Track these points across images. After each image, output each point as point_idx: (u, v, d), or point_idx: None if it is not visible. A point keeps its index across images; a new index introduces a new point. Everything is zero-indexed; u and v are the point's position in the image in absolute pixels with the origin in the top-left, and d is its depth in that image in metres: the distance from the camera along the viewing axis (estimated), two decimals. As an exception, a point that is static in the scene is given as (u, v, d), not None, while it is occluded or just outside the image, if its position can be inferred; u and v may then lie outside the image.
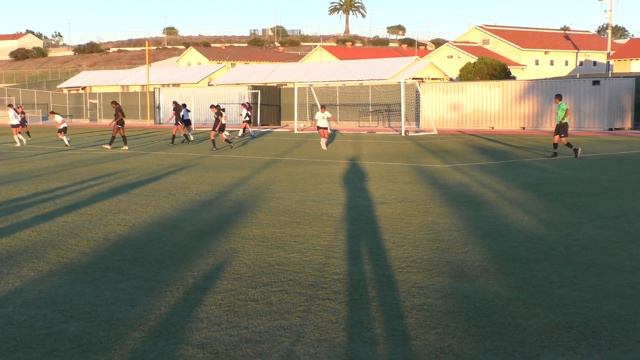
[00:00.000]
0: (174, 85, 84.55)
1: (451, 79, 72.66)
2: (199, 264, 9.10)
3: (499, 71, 64.05)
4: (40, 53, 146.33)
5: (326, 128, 31.23)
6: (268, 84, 73.12)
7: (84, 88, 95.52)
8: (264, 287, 7.95)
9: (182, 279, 8.33)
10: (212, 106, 31.73)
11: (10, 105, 39.04)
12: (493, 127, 50.59)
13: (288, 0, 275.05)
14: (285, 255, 9.60)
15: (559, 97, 25.77)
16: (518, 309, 7.05)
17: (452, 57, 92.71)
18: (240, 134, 42.53)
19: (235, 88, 66.33)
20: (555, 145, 25.43)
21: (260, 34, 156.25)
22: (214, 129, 31.30)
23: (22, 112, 41.32)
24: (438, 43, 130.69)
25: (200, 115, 62.83)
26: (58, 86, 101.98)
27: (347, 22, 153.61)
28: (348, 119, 59.41)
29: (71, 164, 24.27)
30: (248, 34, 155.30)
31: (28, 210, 13.79)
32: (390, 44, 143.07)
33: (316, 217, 12.76)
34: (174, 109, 37.04)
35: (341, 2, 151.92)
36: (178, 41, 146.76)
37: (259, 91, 60.46)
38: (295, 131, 49.35)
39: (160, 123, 68.58)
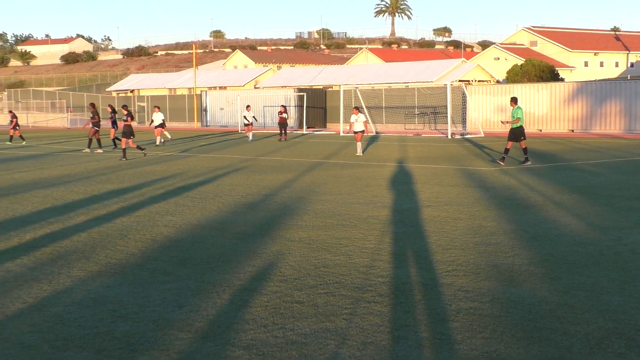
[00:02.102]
0: (220, 88, 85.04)
1: (498, 81, 72.07)
2: (245, 266, 9.14)
3: (547, 73, 63.33)
4: (90, 57, 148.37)
5: (362, 132, 29.04)
6: (314, 87, 73.18)
7: (132, 91, 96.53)
8: (309, 289, 7.97)
9: (229, 281, 8.37)
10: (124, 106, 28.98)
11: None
12: (541, 130, 50.05)
13: (334, 3, 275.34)
14: (331, 258, 9.60)
15: (514, 100, 24.72)
16: (566, 314, 6.97)
17: (499, 59, 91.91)
18: (250, 138, 42.04)
19: (281, 91, 66.55)
20: (525, 150, 24.41)
21: (306, 36, 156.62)
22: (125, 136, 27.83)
23: (14, 117, 42.37)
24: (485, 45, 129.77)
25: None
26: (107, 89, 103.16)
27: (392, 24, 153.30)
28: (394, 122, 59.22)
29: (119, 166, 24.55)
30: (294, 37, 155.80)
31: (78, 211, 13.98)
32: (437, 46, 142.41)
33: (362, 219, 12.74)
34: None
35: (387, 4, 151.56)
36: (225, 44, 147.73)
37: (305, 94, 60.57)
38: (341, 134, 49.33)
39: (207, 125, 69.02)
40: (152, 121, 38.58)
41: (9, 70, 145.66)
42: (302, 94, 60.98)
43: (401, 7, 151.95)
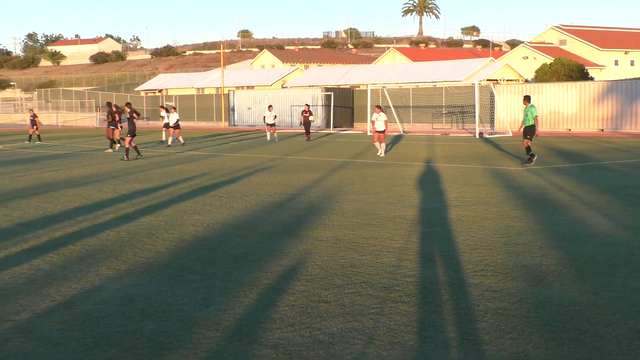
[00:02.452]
0: (248, 87, 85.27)
1: (527, 80, 71.64)
2: (272, 265, 9.16)
3: (577, 72, 62.83)
4: (119, 57, 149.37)
5: (383, 131, 28.07)
6: (341, 86, 73.15)
7: (160, 91, 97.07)
8: (336, 289, 7.96)
9: (256, 280, 8.39)
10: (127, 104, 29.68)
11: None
12: (570, 129, 49.68)
13: (362, 3, 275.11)
14: (358, 257, 9.59)
15: (527, 98, 24.37)
16: (596, 315, 6.91)
17: (527, 58, 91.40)
18: (269, 138, 41.57)
19: (308, 90, 66.58)
20: (529, 149, 23.86)
21: (333, 36, 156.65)
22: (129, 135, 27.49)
23: (34, 116, 43.04)
24: (513, 44, 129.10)
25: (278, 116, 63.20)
26: (136, 89, 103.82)
27: (420, 23, 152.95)
28: (421, 121, 59.06)
29: (148, 165, 24.68)
30: (321, 36, 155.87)
31: (107, 210, 14.07)
32: (465, 45, 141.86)
33: (389, 219, 12.72)
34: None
35: (415, 4, 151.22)
36: (252, 44, 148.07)
37: (332, 93, 60.58)
38: (369, 133, 49.26)
39: (234, 125, 69.22)
40: (163, 118, 38.38)
41: (40, 70, 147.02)
42: (329, 93, 60.99)
43: (429, 6, 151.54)
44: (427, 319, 6.87)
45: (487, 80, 62.85)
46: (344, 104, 63.95)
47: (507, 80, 71.34)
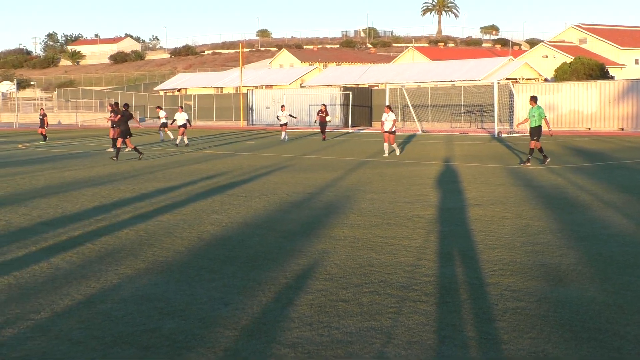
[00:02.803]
0: (266, 87, 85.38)
1: (546, 80, 71.30)
2: (291, 264, 9.16)
3: (597, 71, 62.48)
4: (138, 56, 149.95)
5: (393, 132, 27.39)
6: (360, 85, 73.12)
7: (179, 90, 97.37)
8: (355, 288, 7.96)
9: (274, 279, 8.40)
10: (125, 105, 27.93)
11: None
12: (590, 128, 49.44)
13: (380, 2, 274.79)
14: (376, 257, 9.58)
15: (534, 99, 23.75)
16: (615, 315, 6.87)
17: (547, 57, 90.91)
18: (282, 137, 40.47)
19: (327, 89, 66.58)
20: (532, 151, 23.48)
21: (352, 35, 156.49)
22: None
23: (44, 115, 43.00)
24: (532, 43, 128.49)
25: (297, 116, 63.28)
26: (155, 88, 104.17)
27: (439, 22, 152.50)
28: (440, 120, 58.95)
29: (166, 164, 24.77)
30: (340, 36, 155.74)
31: (125, 209, 14.13)
32: (484, 44, 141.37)
33: (407, 218, 12.70)
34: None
35: (434, 3, 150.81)
36: (271, 43, 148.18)
37: (351, 92, 60.56)
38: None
39: (252, 124, 69.33)
40: (175, 120, 37.78)
41: (59, 69, 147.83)
42: (347, 92, 60.98)
43: (448, 5, 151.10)
44: (446, 318, 6.85)
45: (506, 79, 62.67)
46: (362, 103, 63.92)
47: (527, 79, 71.02)
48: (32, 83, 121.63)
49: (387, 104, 35.89)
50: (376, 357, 5.86)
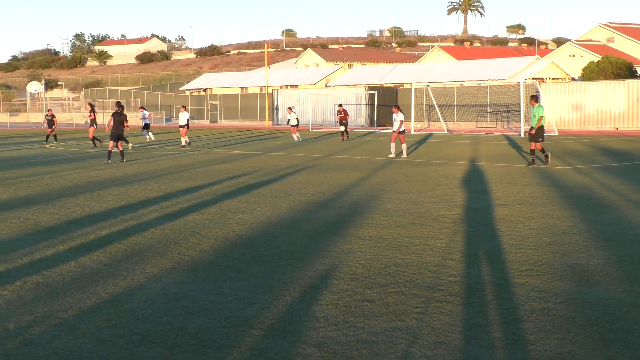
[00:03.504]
0: (292, 86, 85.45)
1: (573, 79, 70.80)
2: (316, 264, 9.17)
3: (624, 70, 61.91)
4: (164, 56, 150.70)
5: (402, 132, 27.01)
6: (385, 85, 73.00)
7: (205, 90, 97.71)
8: (380, 288, 7.95)
9: (299, 278, 8.41)
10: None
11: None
12: (617, 128, 49.02)
13: (406, 1, 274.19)
14: (401, 257, 9.57)
15: (535, 98, 23.05)
16: (643, 316, 6.81)
17: (574, 56, 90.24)
18: (296, 139, 39.48)
19: (352, 89, 66.53)
20: (533, 152, 23.05)
21: (377, 35, 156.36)
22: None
23: (53, 116, 42.16)
24: (559, 42, 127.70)
25: (317, 116, 63.35)
26: (180, 88, 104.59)
27: (465, 21, 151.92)
28: (465, 120, 58.71)
29: (192, 164, 24.86)
30: (365, 35, 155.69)
31: (152, 208, 14.21)
32: (510, 44, 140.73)
33: (433, 218, 12.67)
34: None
35: (460, 2, 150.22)
36: (296, 43, 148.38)
37: (376, 92, 60.48)
38: (412, 132, 49.10)
39: (278, 124, 69.43)
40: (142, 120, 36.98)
41: (87, 70, 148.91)
42: (373, 92, 60.90)
43: (474, 4, 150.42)
44: (472, 318, 6.83)
45: (533, 78, 62.24)
46: (388, 103, 63.76)
47: (553, 78, 70.56)
48: (59, 83, 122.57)
49: (396, 103, 35.46)
50: (402, 358, 5.85)
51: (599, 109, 50.70)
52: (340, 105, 42.51)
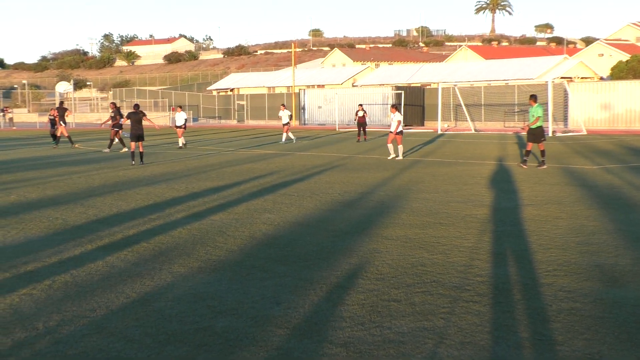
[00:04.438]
0: (318, 86, 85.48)
1: (602, 78, 70.23)
2: (342, 264, 9.16)
3: (655, 69, 61.36)
4: (192, 56, 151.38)
5: (400, 133, 26.01)
6: (412, 85, 72.84)
7: (232, 90, 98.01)
8: (406, 288, 7.93)
9: (326, 278, 8.41)
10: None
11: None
12: (647, 127, 48.57)
13: (433, 1, 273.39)
14: (428, 256, 9.54)
15: (533, 98, 22.48)
16: (673, 317, 6.74)
17: (603, 55, 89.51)
18: (284, 139, 38.62)
19: (379, 89, 66.42)
20: (543, 153, 22.38)
21: (404, 34, 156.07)
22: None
23: (55, 115, 40.46)
24: (588, 41, 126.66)
25: (344, 115, 63.30)
26: (208, 88, 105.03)
27: (493, 21, 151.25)
28: (493, 120, 58.42)
29: (219, 164, 24.94)
30: (392, 35, 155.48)
31: (179, 208, 14.27)
32: (538, 43, 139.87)
33: (460, 218, 12.62)
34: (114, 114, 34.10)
35: (487, 1, 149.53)
36: (323, 43, 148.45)
37: (403, 92, 60.35)
38: (439, 131, 48.95)
39: (305, 124, 69.47)
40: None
41: (115, 70, 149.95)
42: (400, 92, 60.74)
43: (502, 3, 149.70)
44: (499, 319, 6.79)
45: (561, 78, 61.82)
46: (415, 103, 63.62)
47: (582, 78, 70.02)
48: (88, 83, 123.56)
49: (393, 103, 34.75)
50: (428, 358, 5.83)
51: (628, 109, 50.24)
52: (361, 105, 42.02)
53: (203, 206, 14.54)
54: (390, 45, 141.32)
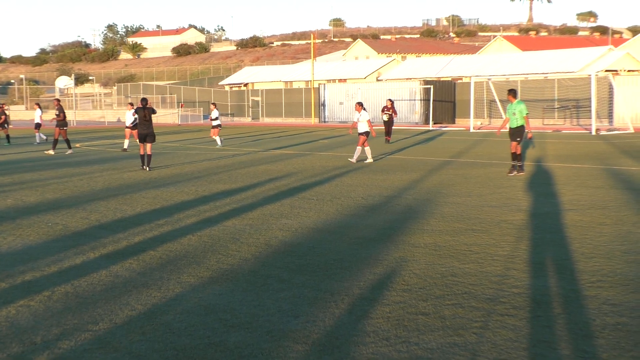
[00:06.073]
0: (340, 80, 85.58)
1: (650, 71, 69.87)
2: (366, 274, 9.16)
3: None
4: (203, 48, 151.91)
5: (365, 133, 25.34)
6: (442, 79, 72.77)
7: (246, 85, 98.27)
8: (436, 300, 7.92)
9: (348, 289, 8.40)
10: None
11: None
12: (699, 125, 48.29)
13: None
14: (459, 266, 9.52)
15: (512, 93, 21.24)
16: None
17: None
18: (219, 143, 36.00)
19: (405, 83, 66.44)
20: (515, 156, 20.80)
21: (433, 24, 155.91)
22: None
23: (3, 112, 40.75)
24: (635, 30, 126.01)
25: (368, 112, 63.28)
26: (220, 83, 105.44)
27: (530, 9, 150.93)
28: (530, 116, 58.07)
29: (232, 165, 25.01)
30: (420, 25, 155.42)
31: (188, 213, 14.32)
32: (580, 33, 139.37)
33: (494, 224, 12.59)
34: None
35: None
36: (345, 33, 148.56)
37: (432, 86, 60.26)
38: (472, 130, 48.85)
39: (325, 121, 69.53)
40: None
41: (120, 63, 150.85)
42: (428, 86, 60.70)
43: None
44: (537, 334, 6.77)
45: (606, 70, 61.54)
46: (445, 98, 63.56)
47: (629, 70, 69.68)
48: (90, 78, 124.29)
49: (359, 100, 33.55)
50: (459, 376, 5.82)
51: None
52: (391, 100, 40.02)
53: (214, 211, 14.59)
54: (418, 35, 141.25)
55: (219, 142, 35.51)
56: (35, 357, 6.39)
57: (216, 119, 35.98)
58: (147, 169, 23.50)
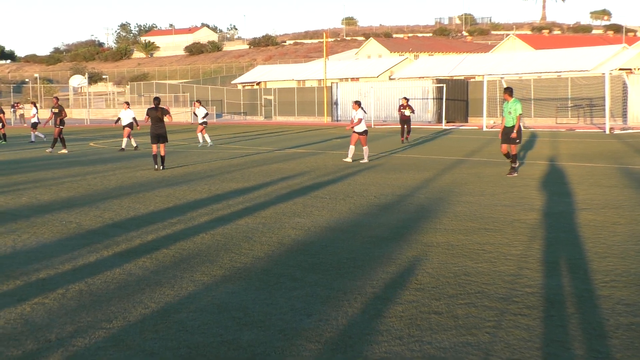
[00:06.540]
0: (352, 79, 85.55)
1: (664, 69, 69.56)
2: (379, 272, 9.15)
3: None
4: (215, 47, 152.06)
5: (363, 133, 25.08)
6: (454, 77, 72.63)
7: (258, 83, 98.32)
8: (449, 299, 7.91)
9: (361, 288, 8.40)
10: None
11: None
12: None
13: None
14: (472, 265, 9.51)
15: (509, 91, 20.58)
16: None
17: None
18: (201, 142, 35.87)
19: (418, 82, 66.33)
20: (510, 156, 20.54)
21: (446, 22, 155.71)
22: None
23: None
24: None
25: (380, 111, 63.26)
26: (232, 82, 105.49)
27: (543, 7, 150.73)
28: (544, 115, 58.09)
29: (244, 164, 25.03)
30: (433, 23, 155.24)
31: (201, 211, 14.33)
32: (594, 31, 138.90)
33: (507, 223, 12.56)
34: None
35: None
36: (357, 32, 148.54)
37: (445, 85, 60.15)
38: (484, 129, 48.73)
39: (337, 120, 69.49)
40: (119, 119, 34.41)
41: (132, 62, 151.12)
42: (441, 85, 60.60)
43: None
44: (551, 334, 6.76)
45: (620, 69, 61.31)
46: (458, 97, 63.44)
47: (642, 69, 69.40)
48: (103, 77, 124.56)
49: (357, 99, 32.69)
50: (473, 376, 5.82)
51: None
52: (406, 99, 38.25)
53: (227, 209, 14.60)
54: (431, 34, 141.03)
55: (208, 141, 35.19)
56: (49, 354, 6.41)
57: (205, 116, 35.26)
58: (162, 168, 23.32)
